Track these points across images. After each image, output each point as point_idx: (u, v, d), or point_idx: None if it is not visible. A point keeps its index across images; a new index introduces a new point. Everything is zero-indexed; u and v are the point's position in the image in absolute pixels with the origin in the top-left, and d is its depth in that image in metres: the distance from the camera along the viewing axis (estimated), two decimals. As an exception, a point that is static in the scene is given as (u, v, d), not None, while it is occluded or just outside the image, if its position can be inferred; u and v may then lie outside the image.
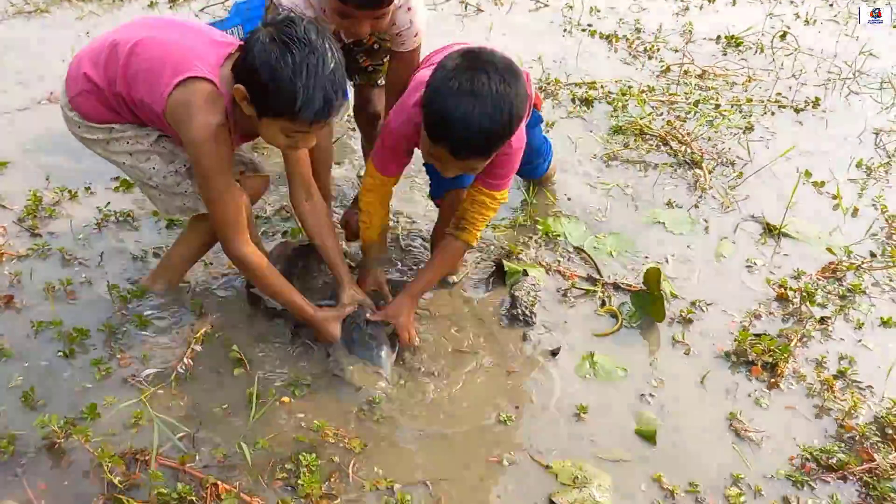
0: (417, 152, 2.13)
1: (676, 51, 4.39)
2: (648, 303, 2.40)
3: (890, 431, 2.03)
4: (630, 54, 4.38)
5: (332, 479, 1.83)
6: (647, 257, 2.67)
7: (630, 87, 3.88)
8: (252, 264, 2.02)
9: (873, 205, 3.04)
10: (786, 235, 2.83)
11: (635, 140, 3.42)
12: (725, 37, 4.57)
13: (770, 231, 2.85)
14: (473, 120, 1.74)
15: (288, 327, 2.26)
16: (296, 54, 1.72)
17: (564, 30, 4.71)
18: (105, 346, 2.17)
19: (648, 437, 2.00)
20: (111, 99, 1.99)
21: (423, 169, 2.69)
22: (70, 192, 2.80)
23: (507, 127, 1.81)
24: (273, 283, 2.07)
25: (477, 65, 1.77)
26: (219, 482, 1.80)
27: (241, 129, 1.98)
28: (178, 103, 1.86)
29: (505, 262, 2.53)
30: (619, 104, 3.70)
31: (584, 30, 4.70)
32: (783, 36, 4.61)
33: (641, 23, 4.80)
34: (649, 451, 1.97)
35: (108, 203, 2.76)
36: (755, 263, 2.68)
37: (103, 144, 2.09)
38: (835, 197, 3.07)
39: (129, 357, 2.14)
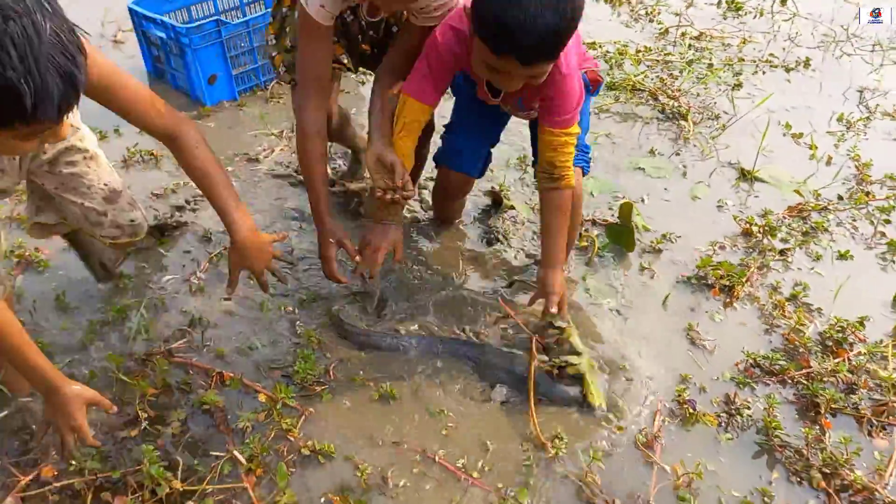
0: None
1: (677, 14, 4.54)
2: (621, 234, 2.61)
3: (829, 344, 2.24)
4: (632, 17, 4.55)
5: (324, 373, 2.09)
6: (624, 197, 2.87)
7: (626, 46, 4.06)
8: None
9: (848, 154, 3.20)
10: (759, 180, 3.02)
11: (626, 95, 3.61)
12: (726, 1, 4.72)
13: (745, 176, 3.03)
14: (540, 20, 1.63)
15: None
16: None
17: (570, -5, 4.88)
18: (129, 261, 2.45)
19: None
20: None
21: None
22: (101, 132, 3.07)
23: (572, 20, 1.69)
24: (5, 328, 1.54)
25: None
26: (223, 371, 2.07)
27: None
28: None
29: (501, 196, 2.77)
30: (615, 63, 3.89)
31: (589, -5, 4.88)
32: (783, 1, 4.73)
33: (646, -12, 4.96)
34: (612, 352, 2.19)
35: (136, 143, 3.05)
36: (726, 204, 2.88)
37: None
38: (811, 147, 3.24)
39: (149, 270, 2.43)
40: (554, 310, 2.09)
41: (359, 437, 1.92)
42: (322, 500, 1.77)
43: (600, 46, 4.06)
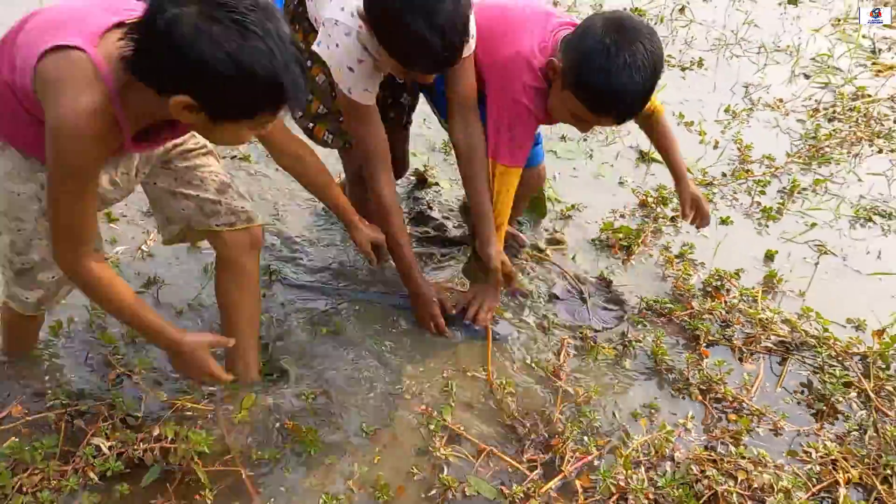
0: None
1: (587, 21, 4.96)
2: (534, 204, 2.94)
3: (710, 290, 2.62)
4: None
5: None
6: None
7: (541, 47, 4.43)
8: (95, 279, 1.58)
9: (732, 139, 3.64)
10: (655, 161, 3.41)
11: (541, 89, 3.98)
12: (631, 9, 5.16)
13: (643, 158, 3.43)
14: (641, 89, 1.88)
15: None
16: (256, 29, 1.28)
17: (490, 2, 5.25)
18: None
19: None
20: (2, 90, 1.51)
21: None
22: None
23: (658, 80, 1.94)
24: (124, 299, 1.63)
25: (630, 36, 1.86)
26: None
27: (138, 126, 1.50)
28: (43, 77, 1.39)
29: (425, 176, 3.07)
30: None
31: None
32: (682, 10, 5.22)
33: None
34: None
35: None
36: (626, 180, 3.27)
37: None
38: (701, 133, 3.67)
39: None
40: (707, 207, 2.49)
41: (307, 369, 2.18)
42: (277, 424, 2.02)
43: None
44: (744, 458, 2.00)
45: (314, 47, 2.01)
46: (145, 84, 1.35)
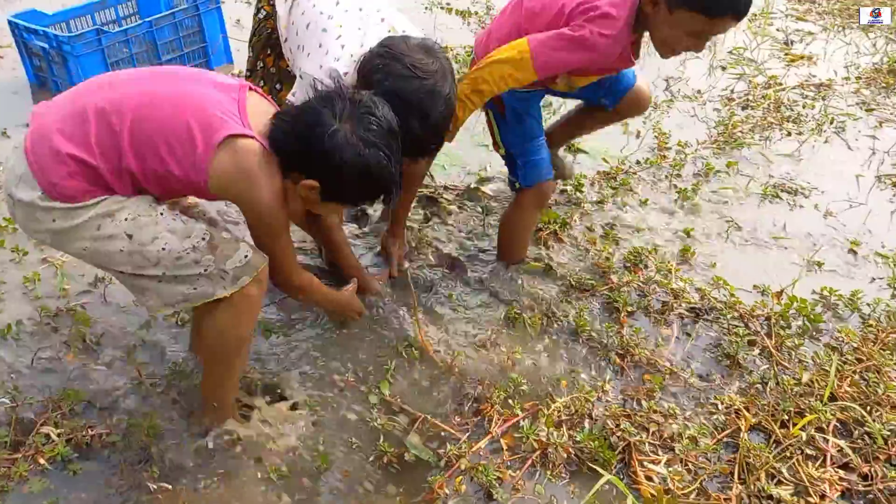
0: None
1: (519, 23, 5.17)
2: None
3: (629, 265, 2.81)
4: (480, 27, 5.14)
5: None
6: (470, 170, 3.39)
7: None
8: (312, 286, 2.08)
9: (653, 129, 3.87)
10: (581, 151, 3.62)
11: (473, 89, 4.16)
12: (560, 11, 5.40)
13: (570, 149, 3.63)
14: None
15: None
16: (386, 150, 1.73)
17: (426, 7, 5.43)
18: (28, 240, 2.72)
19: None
20: (110, 176, 1.67)
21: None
22: (-13, 133, 3.31)
23: None
24: (323, 291, 2.15)
25: None
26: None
27: None
28: (228, 171, 1.68)
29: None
30: (463, 62, 4.44)
31: (443, 7, 5.44)
32: (608, 10, 5.47)
33: (492, 2, 5.59)
34: (472, 272, 2.70)
35: (22, 144, 3.29)
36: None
37: (93, 229, 1.69)
38: (624, 125, 3.88)
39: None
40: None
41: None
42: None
43: (451, 49, 4.61)
44: (656, 411, 2.19)
45: (289, 97, 2.16)
46: (281, 162, 1.74)
